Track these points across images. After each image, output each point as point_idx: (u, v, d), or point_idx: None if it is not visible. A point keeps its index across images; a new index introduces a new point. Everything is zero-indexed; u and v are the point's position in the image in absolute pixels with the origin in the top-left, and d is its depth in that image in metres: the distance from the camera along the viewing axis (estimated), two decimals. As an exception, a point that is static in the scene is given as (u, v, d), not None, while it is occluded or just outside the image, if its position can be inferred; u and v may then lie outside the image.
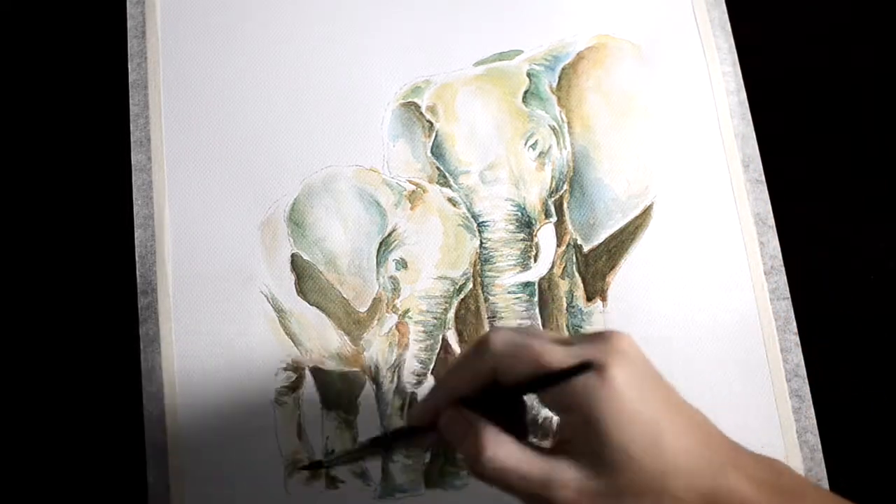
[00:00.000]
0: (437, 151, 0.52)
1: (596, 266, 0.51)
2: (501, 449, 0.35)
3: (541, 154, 0.52)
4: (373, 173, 0.52)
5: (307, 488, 0.48)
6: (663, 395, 0.35)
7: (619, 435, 0.33)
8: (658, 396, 0.35)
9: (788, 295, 0.50)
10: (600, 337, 0.35)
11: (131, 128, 0.52)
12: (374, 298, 0.50)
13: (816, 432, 0.48)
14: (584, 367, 0.33)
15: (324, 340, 0.50)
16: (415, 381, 0.49)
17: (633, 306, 0.50)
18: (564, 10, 0.54)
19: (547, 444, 0.48)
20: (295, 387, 0.49)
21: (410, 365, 0.49)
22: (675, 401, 0.35)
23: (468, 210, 0.51)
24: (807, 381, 0.49)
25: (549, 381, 0.34)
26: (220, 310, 0.50)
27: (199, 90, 0.53)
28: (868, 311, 0.51)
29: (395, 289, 0.50)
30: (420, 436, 0.40)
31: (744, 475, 0.35)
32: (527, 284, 0.50)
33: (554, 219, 0.51)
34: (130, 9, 0.54)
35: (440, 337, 0.50)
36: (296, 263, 0.51)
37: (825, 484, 0.47)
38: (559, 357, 0.34)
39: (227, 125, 0.52)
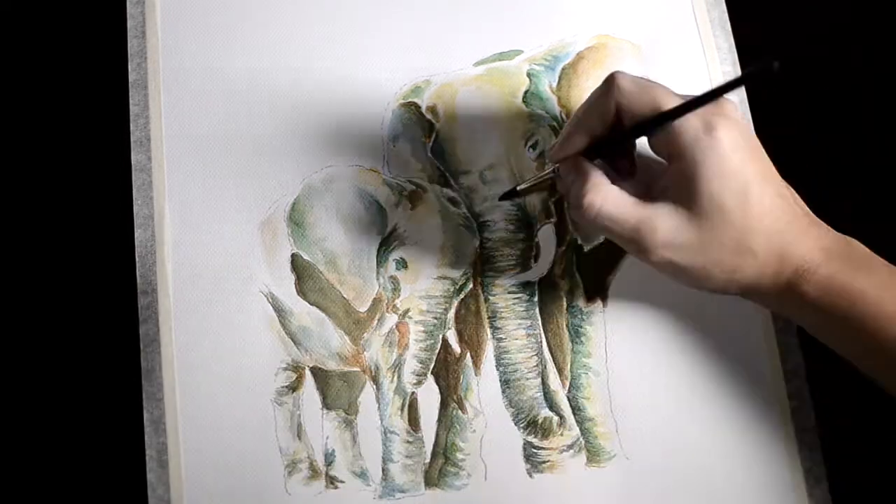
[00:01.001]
0: (437, 151, 0.52)
1: (596, 266, 0.51)
2: (600, 194, 0.40)
3: (541, 154, 0.52)
4: (373, 173, 0.52)
5: (307, 488, 0.48)
6: (758, 161, 0.39)
7: (714, 185, 0.37)
8: (753, 161, 0.39)
9: (788, 295, 0.50)
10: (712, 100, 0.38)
11: (131, 128, 0.52)
12: (374, 298, 0.50)
13: (816, 432, 0.48)
14: (698, 102, 0.37)
15: (324, 340, 0.50)
16: (415, 381, 0.49)
17: (633, 306, 0.50)
18: (564, 10, 0.54)
19: (547, 442, 0.49)
20: (295, 387, 0.49)
21: (410, 365, 0.49)
22: (767, 170, 0.39)
23: (468, 210, 0.51)
24: (807, 381, 0.49)
25: (666, 117, 0.38)
26: (220, 310, 0.50)
27: (199, 90, 0.53)
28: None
29: (395, 289, 0.50)
30: (548, 180, 0.46)
31: (816, 243, 0.39)
32: (527, 284, 0.50)
33: (554, 219, 0.51)
34: (130, 9, 0.54)
35: (440, 337, 0.50)
36: (296, 263, 0.51)
37: (825, 484, 0.48)
38: (672, 101, 0.38)
39: (227, 125, 0.52)
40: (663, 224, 0.38)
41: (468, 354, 0.50)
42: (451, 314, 0.50)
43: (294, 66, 0.53)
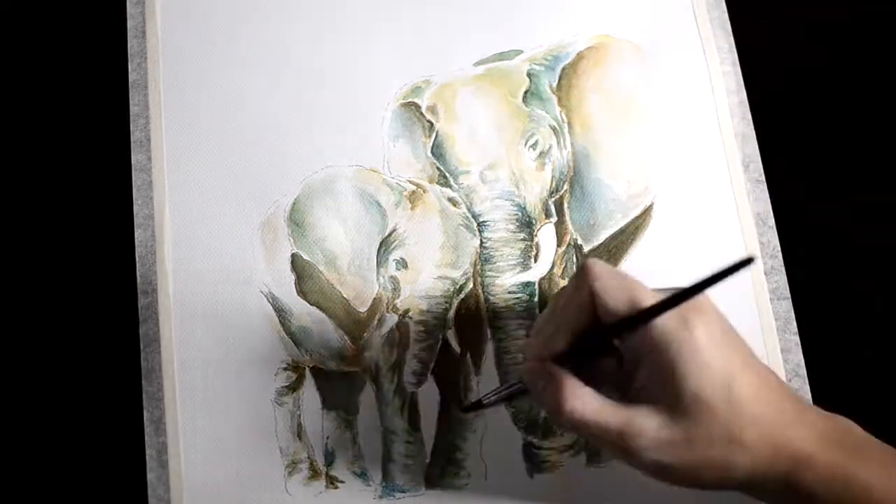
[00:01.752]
0: (438, 151, 0.52)
1: (596, 266, 0.51)
2: (579, 402, 0.37)
3: (541, 154, 0.52)
4: (373, 173, 0.52)
5: (307, 488, 0.48)
6: (738, 351, 0.37)
7: (695, 382, 0.35)
8: (733, 352, 0.37)
9: (788, 295, 0.50)
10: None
11: (131, 128, 0.52)
12: (375, 298, 0.50)
13: (816, 432, 0.48)
14: (675, 300, 0.35)
15: (324, 340, 0.50)
16: (415, 381, 0.49)
17: (633, 306, 0.50)
18: (564, 10, 0.54)
19: (547, 442, 0.49)
20: (295, 387, 0.49)
21: (410, 365, 0.49)
22: (749, 358, 0.37)
23: (468, 210, 0.51)
24: (807, 381, 0.49)
25: (641, 318, 0.36)
26: (220, 310, 0.50)
27: (200, 90, 0.53)
28: (868, 311, 0.51)
29: (396, 289, 0.50)
30: (515, 389, 0.43)
31: (811, 430, 0.36)
32: (527, 284, 0.50)
33: (554, 219, 0.51)
34: (130, 9, 0.54)
35: (440, 337, 0.50)
36: (296, 263, 0.51)
37: (825, 484, 0.47)
38: (652, 297, 0.37)
39: (227, 125, 0.52)
40: (646, 425, 0.36)
41: (468, 354, 0.50)
42: (451, 314, 0.50)
43: (294, 65, 0.53)
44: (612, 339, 0.39)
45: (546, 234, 0.51)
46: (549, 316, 0.41)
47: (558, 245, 0.51)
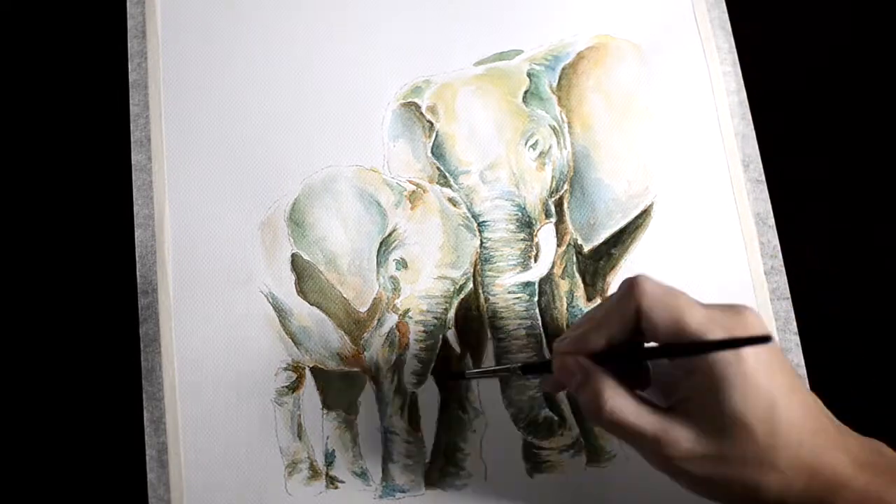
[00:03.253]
0: (438, 151, 0.52)
1: (596, 266, 0.51)
2: (618, 403, 0.38)
3: (541, 154, 0.52)
4: (373, 173, 0.52)
5: (307, 488, 0.48)
6: (785, 377, 0.37)
7: (738, 403, 0.36)
8: (780, 377, 0.37)
9: (788, 295, 0.50)
10: (734, 311, 0.37)
11: (131, 128, 0.52)
12: (375, 298, 0.50)
13: (816, 432, 0.48)
14: (727, 343, 0.36)
15: (324, 340, 0.50)
16: (415, 381, 0.49)
17: (633, 306, 0.50)
18: (564, 10, 0.54)
19: (547, 443, 0.49)
20: (295, 387, 0.49)
21: (410, 365, 0.49)
22: (794, 385, 0.37)
23: (468, 210, 0.51)
24: (807, 381, 0.49)
25: (693, 350, 0.37)
26: (220, 310, 0.50)
27: (199, 90, 0.53)
28: (868, 311, 0.51)
29: (396, 289, 0.50)
30: (547, 371, 0.43)
31: (846, 455, 0.37)
32: (527, 284, 0.50)
33: (554, 219, 0.51)
34: (130, 9, 0.54)
35: (440, 337, 0.50)
36: (296, 263, 0.51)
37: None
38: (698, 318, 0.37)
39: (228, 125, 0.52)
40: (683, 436, 0.37)
41: (468, 354, 0.50)
42: (451, 314, 0.50)
43: (294, 65, 0.53)
44: (647, 358, 0.40)
45: (546, 234, 0.51)
46: (589, 318, 0.41)
47: (558, 245, 0.51)
